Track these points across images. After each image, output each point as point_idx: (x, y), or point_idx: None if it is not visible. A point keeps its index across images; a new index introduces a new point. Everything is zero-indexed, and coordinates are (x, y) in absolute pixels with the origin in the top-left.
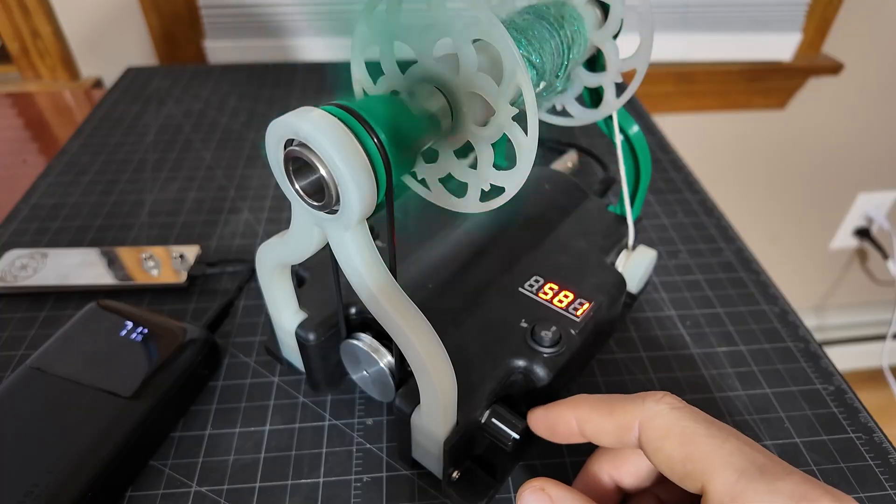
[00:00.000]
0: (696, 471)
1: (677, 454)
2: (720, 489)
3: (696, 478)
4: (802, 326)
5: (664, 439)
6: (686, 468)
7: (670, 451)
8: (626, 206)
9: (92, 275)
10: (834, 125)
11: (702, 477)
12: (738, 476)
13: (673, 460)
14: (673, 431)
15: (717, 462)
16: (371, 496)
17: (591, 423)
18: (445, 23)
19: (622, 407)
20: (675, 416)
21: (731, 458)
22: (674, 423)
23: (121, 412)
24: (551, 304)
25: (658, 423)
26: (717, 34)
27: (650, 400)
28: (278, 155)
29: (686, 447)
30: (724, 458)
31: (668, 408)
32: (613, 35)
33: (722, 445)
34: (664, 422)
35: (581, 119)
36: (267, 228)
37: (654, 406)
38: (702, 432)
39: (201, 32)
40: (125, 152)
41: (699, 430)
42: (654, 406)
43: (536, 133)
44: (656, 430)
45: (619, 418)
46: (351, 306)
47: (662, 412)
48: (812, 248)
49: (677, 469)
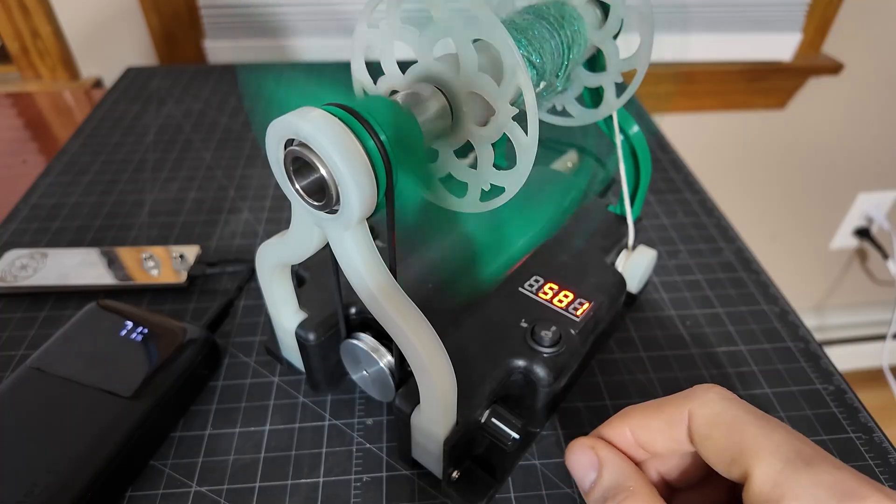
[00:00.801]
0: (741, 457)
1: (725, 441)
2: (763, 476)
3: (741, 464)
4: (802, 326)
5: (713, 427)
6: (733, 454)
7: (718, 439)
8: (626, 206)
9: (92, 275)
10: (834, 125)
11: (747, 463)
12: (784, 465)
13: (721, 447)
14: (722, 419)
15: (764, 449)
16: (371, 496)
17: (644, 428)
18: (445, 23)
19: (671, 402)
20: (724, 405)
21: (779, 447)
22: (723, 412)
23: (121, 412)
24: (551, 304)
25: (707, 412)
26: (717, 34)
27: (699, 390)
28: (278, 155)
29: (734, 435)
30: (770, 446)
31: (717, 397)
32: (613, 35)
33: (770, 435)
34: (713, 410)
35: (581, 119)
36: (267, 228)
37: (703, 395)
38: (750, 421)
39: (201, 32)
40: (125, 152)
41: (747, 419)
42: (703, 395)
43: (536, 133)
44: (706, 418)
45: (669, 412)
46: (351, 306)
47: (712, 400)
48: (812, 248)
49: (724, 456)
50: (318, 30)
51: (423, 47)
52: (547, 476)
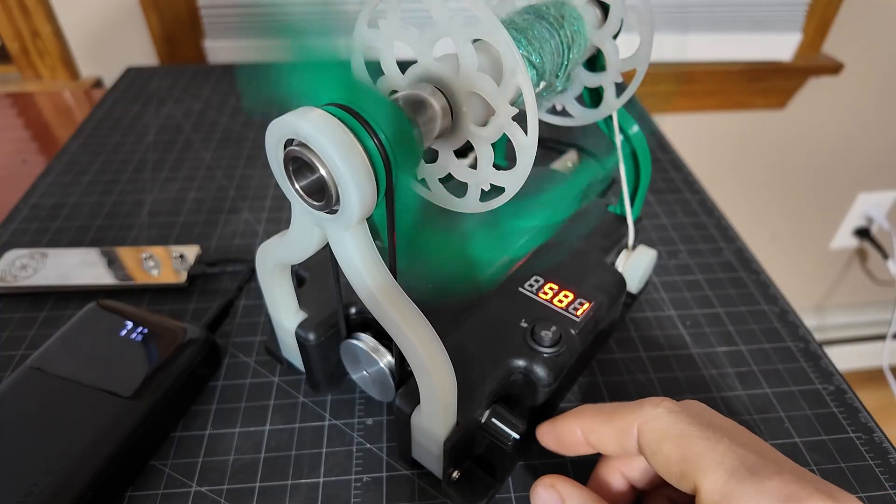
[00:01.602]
0: (689, 471)
1: (673, 456)
2: (710, 489)
3: (690, 478)
4: (802, 326)
5: (661, 442)
6: (681, 469)
7: (667, 453)
8: (626, 206)
9: (92, 275)
10: (834, 125)
11: (694, 477)
12: (728, 476)
13: (670, 462)
14: (670, 434)
15: (709, 462)
16: (371, 496)
17: (594, 432)
18: (445, 23)
19: (622, 413)
20: (672, 419)
21: (723, 459)
22: (671, 426)
23: (121, 412)
24: (551, 304)
25: (655, 426)
26: (717, 34)
27: (648, 405)
28: (278, 155)
29: (681, 449)
30: (715, 459)
31: (665, 411)
32: (613, 35)
33: (715, 447)
34: (661, 425)
35: (581, 119)
36: (267, 228)
37: (652, 410)
38: (696, 434)
39: (201, 32)
40: (125, 152)
41: (694, 432)
42: (652, 410)
43: (536, 133)
44: (654, 433)
45: (619, 423)
46: (351, 306)
47: (660, 416)
48: (812, 248)
49: (673, 470)
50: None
51: (423, 47)
52: None
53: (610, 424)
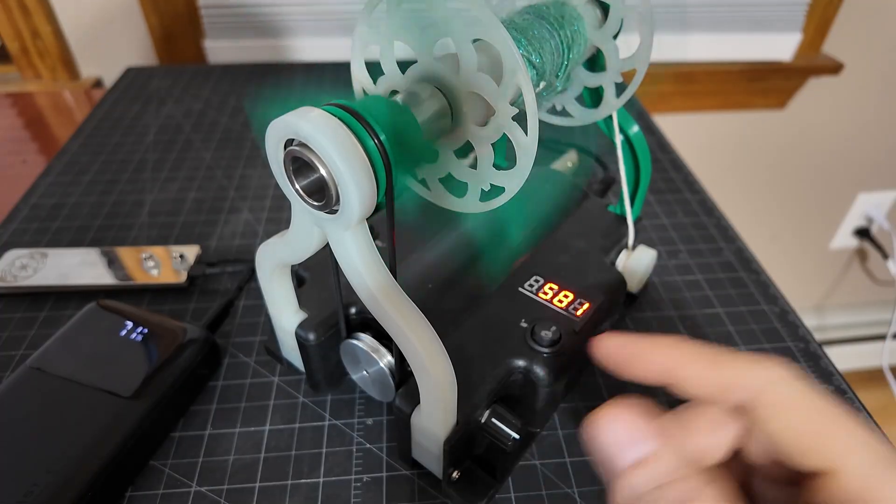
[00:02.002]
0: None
1: (804, 427)
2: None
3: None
4: (802, 326)
5: (789, 409)
6: (814, 442)
7: (796, 422)
8: (626, 206)
9: (92, 275)
10: (834, 125)
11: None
12: (874, 463)
13: (797, 432)
14: (801, 402)
15: (853, 443)
16: (371, 496)
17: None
18: (445, 23)
19: (732, 363)
20: (803, 385)
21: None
22: (804, 394)
23: (121, 412)
24: (551, 304)
25: (787, 390)
26: (717, 34)
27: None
28: (278, 155)
29: (817, 423)
30: (861, 440)
31: (794, 377)
32: (613, 35)
33: (856, 428)
34: (792, 390)
35: (581, 119)
36: (267, 228)
37: (779, 370)
38: (835, 410)
39: (201, 32)
40: (125, 152)
41: (831, 407)
42: (779, 370)
43: (536, 133)
44: (783, 397)
45: (727, 374)
46: (351, 306)
47: (790, 379)
48: (812, 248)
49: (800, 442)
50: (318, 30)
51: (423, 47)
52: (547, 476)
53: (715, 371)
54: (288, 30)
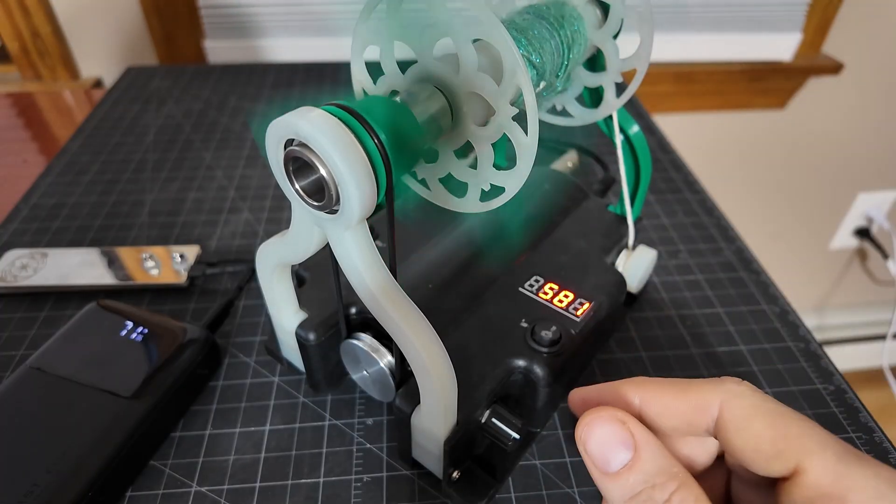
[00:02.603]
0: (789, 450)
1: (768, 434)
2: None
3: (789, 457)
4: (802, 326)
5: (752, 418)
6: (777, 447)
7: (760, 430)
8: (626, 206)
9: (92, 275)
10: (834, 125)
11: (797, 456)
12: (838, 458)
13: (762, 438)
14: (762, 411)
15: (816, 443)
16: (371, 496)
17: (658, 403)
18: (445, 23)
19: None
20: (760, 397)
21: (828, 442)
22: (761, 403)
23: (121, 412)
24: (551, 304)
25: (745, 403)
26: (717, 34)
27: (730, 382)
28: (278, 155)
29: (778, 427)
30: (821, 440)
31: (750, 389)
32: (613, 35)
33: (814, 429)
34: (752, 401)
35: (581, 119)
36: (267, 228)
37: (737, 387)
38: (792, 414)
39: (201, 32)
40: (125, 152)
41: (788, 413)
42: (737, 387)
43: (536, 133)
44: (743, 409)
45: (695, 398)
46: (351, 306)
47: (747, 393)
48: (812, 248)
49: (765, 448)
50: (318, 30)
51: (423, 47)
52: (547, 476)
53: (682, 397)
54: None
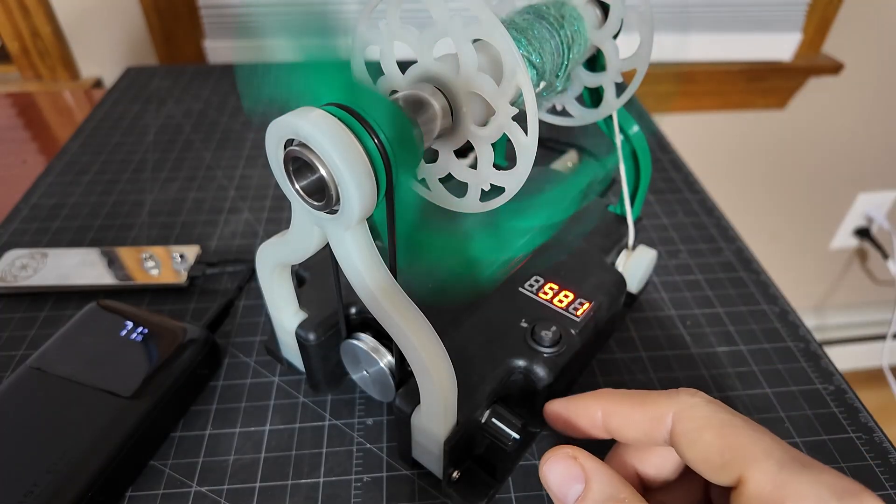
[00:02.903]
0: (734, 460)
1: (716, 445)
2: (762, 478)
3: (734, 467)
4: (802, 326)
5: (702, 430)
6: (724, 458)
7: (709, 442)
8: (626, 206)
9: (92, 275)
10: (834, 125)
11: (741, 466)
12: (780, 467)
13: (710, 451)
14: (711, 422)
15: (758, 452)
16: (371, 496)
17: (618, 415)
18: (445, 23)
19: (654, 400)
20: (711, 408)
21: (772, 450)
22: (712, 415)
23: (121, 412)
24: (551, 304)
25: (696, 414)
26: (717, 34)
27: (684, 394)
28: (278, 155)
29: (725, 438)
30: (764, 449)
31: (703, 401)
32: (613, 35)
33: (761, 438)
34: (702, 413)
35: (581, 119)
36: (267, 228)
37: (690, 399)
38: (740, 424)
39: (201, 32)
40: (125, 152)
41: (737, 423)
42: (690, 399)
43: (536, 133)
44: (694, 421)
45: (651, 410)
46: (351, 306)
47: (699, 404)
48: (812, 247)
49: (713, 460)
50: None
51: (423, 47)
52: None
53: (640, 409)
54: None
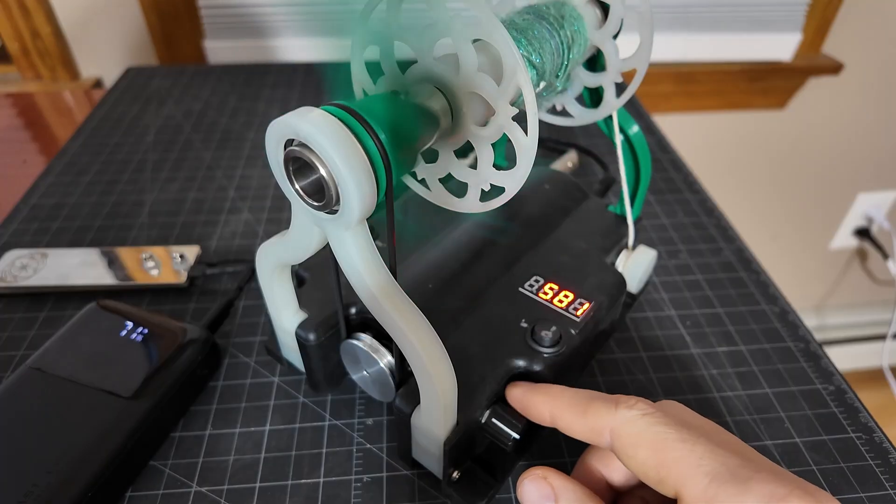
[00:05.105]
0: (668, 477)
1: (650, 461)
2: (693, 494)
3: (670, 484)
4: (802, 326)
5: (637, 447)
6: (660, 474)
7: (644, 458)
8: (626, 206)
9: (92, 275)
10: (834, 125)
11: (675, 483)
12: (710, 480)
13: (647, 467)
14: (644, 438)
15: (688, 467)
16: (371, 496)
17: (563, 420)
18: (445, 23)
19: (595, 410)
20: (646, 422)
21: (702, 462)
22: (645, 430)
23: (121, 412)
24: (551, 304)
25: (630, 431)
26: (717, 34)
27: (622, 406)
28: (278, 155)
29: (658, 454)
30: (694, 463)
31: (639, 414)
32: (613, 35)
33: (692, 450)
34: (635, 429)
35: (581, 119)
36: (267, 228)
37: (626, 413)
38: (673, 437)
39: (201, 32)
40: (125, 152)
41: (670, 436)
42: (626, 413)
43: (536, 133)
44: (629, 438)
45: (591, 422)
46: (351, 306)
47: (634, 419)
48: (812, 248)
49: (651, 475)
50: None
51: (423, 47)
52: None
53: (582, 420)
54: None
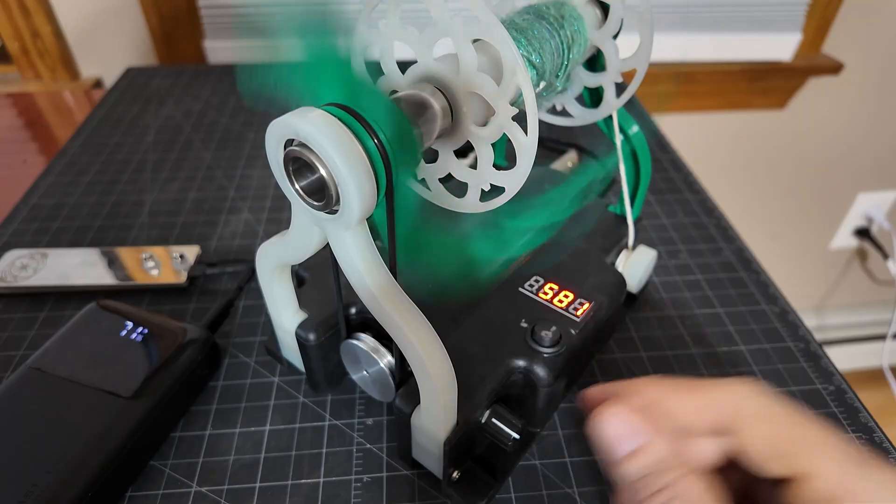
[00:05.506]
0: (795, 452)
1: (777, 434)
2: (822, 473)
3: (795, 459)
4: (802, 326)
5: (762, 419)
6: (783, 449)
7: (768, 432)
8: (626, 206)
9: (92, 275)
10: (834, 125)
11: (804, 458)
12: (840, 463)
13: (768, 440)
14: (773, 412)
15: (818, 446)
16: (371, 496)
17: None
18: (445, 23)
19: (711, 386)
20: (770, 399)
21: (832, 445)
22: (770, 406)
23: (121, 412)
24: (551, 304)
25: (757, 403)
26: (717, 34)
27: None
28: (278, 155)
29: (788, 429)
30: (825, 444)
31: (762, 392)
32: (613, 35)
33: (825, 434)
34: (761, 403)
35: (581, 119)
36: (267, 228)
37: (748, 388)
38: (800, 417)
39: (201, 32)
40: (125, 152)
41: (802, 416)
42: (748, 388)
43: (536, 133)
44: (756, 409)
45: (709, 395)
46: (351, 306)
47: (761, 393)
48: (812, 248)
49: (773, 449)
50: None
51: (422, 47)
52: (547, 476)
53: (697, 394)
54: None
